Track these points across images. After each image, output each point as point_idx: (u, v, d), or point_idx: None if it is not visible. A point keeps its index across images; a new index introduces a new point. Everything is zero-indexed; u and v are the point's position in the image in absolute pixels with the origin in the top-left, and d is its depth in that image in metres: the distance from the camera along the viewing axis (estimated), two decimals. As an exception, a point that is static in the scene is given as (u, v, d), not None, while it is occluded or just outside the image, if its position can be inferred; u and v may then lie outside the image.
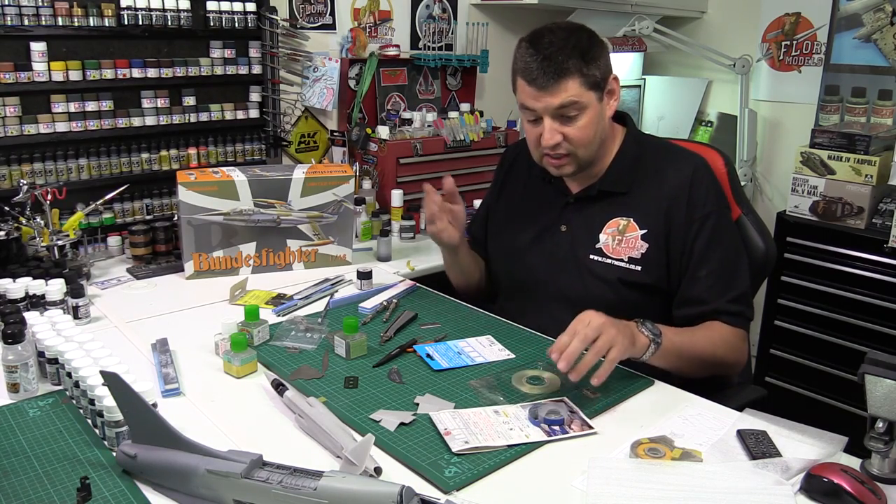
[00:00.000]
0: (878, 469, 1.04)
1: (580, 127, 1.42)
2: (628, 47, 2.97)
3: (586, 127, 1.42)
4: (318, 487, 0.90)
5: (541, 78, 1.38)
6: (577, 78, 1.38)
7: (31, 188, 1.81)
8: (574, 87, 1.38)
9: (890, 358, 1.03)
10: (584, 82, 1.39)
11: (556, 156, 1.45)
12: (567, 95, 1.38)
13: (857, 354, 2.27)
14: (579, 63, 1.38)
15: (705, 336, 1.42)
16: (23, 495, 0.99)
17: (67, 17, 1.92)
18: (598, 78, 1.41)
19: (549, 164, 1.48)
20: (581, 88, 1.39)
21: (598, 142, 1.46)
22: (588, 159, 1.47)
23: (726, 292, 1.45)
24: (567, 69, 1.37)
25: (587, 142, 1.43)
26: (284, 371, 1.36)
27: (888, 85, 2.79)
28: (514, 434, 1.15)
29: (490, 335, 1.53)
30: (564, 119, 1.41)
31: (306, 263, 1.98)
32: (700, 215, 1.45)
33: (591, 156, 1.47)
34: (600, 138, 1.47)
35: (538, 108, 1.41)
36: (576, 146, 1.43)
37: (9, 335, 1.23)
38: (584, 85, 1.39)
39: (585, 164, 1.48)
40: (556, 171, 1.49)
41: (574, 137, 1.42)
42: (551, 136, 1.42)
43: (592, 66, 1.39)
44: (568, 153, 1.44)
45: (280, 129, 2.39)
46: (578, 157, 1.45)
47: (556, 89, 1.38)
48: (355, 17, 2.66)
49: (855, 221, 2.55)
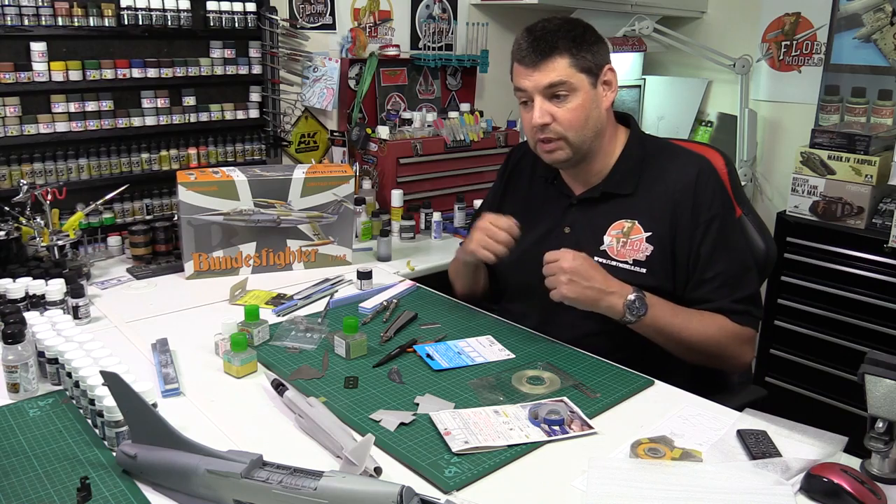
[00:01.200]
0: (878, 469, 1.04)
1: (570, 108, 1.42)
2: (628, 47, 2.97)
3: (577, 109, 1.42)
4: (318, 487, 0.90)
5: (530, 56, 1.40)
6: (566, 57, 1.40)
7: (31, 188, 1.81)
8: (563, 65, 1.40)
9: (890, 358, 1.03)
10: (574, 63, 1.40)
11: (547, 139, 1.45)
12: (556, 74, 1.40)
13: (857, 354, 2.28)
14: (569, 44, 1.40)
15: (701, 323, 1.43)
16: (23, 495, 0.99)
17: (67, 17, 1.92)
18: (591, 63, 1.42)
19: (542, 149, 1.48)
20: (571, 69, 1.40)
21: (591, 129, 1.45)
22: (580, 146, 1.46)
23: (733, 293, 1.45)
24: (556, 47, 1.39)
25: (578, 125, 1.43)
26: (284, 371, 1.36)
27: (888, 85, 2.79)
28: (514, 434, 1.15)
29: (490, 335, 1.53)
30: (554, 99, 1.42)
31: (306, 263, 1.98)
32: (706, 218, 1.45)
33: (584, 142, 1.46)
34: (595, 126, 1.46)
35: (528, 87, 1.42)
36: (565, 128, 1.43)
37: (9, 335, 1.23)
38: (574, 66, 1.41)
39: (578, 153, 1.47)
40: (548, 156, 1.49)
41: (563, 119, 1.42)
42: (541, 115, 1.42)
43: (584, 50, 1.41)
44: (559, 137, 1.44)
45: (280, 129, 2.39)
46: (570, 142, 1.45)
47: (544, 67, 1.40)
48: (355, 17, 2.66)
49: (855, 221, 2.55)
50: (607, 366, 1.41)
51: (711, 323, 1.43)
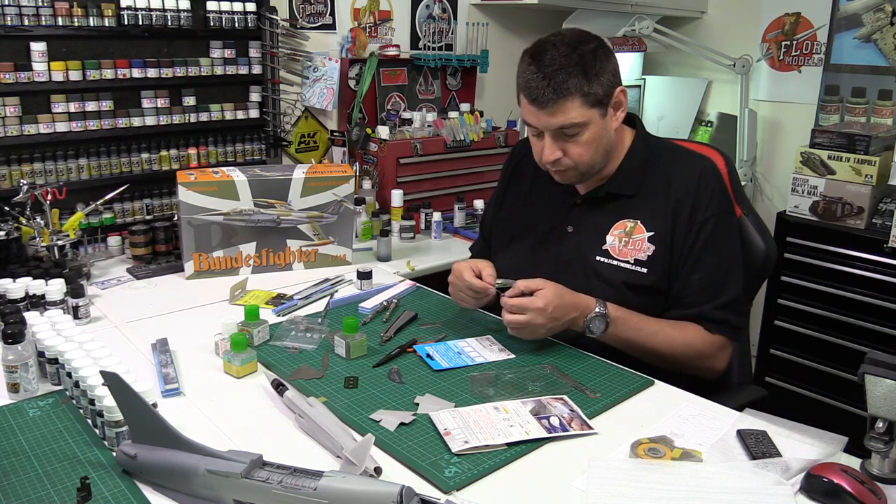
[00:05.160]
0: (878, 469, 1.04)
1: (581, 143, 1.41)
2: (628, 47, 2.97)
3: (587, 143, 1.41)
4: (318, 487, 0.90)
5: (541, 98, 1.36)
6: (577, 98, 1.36)
7: (31, 188, 1.81)
8: (574, 107, 1.37)
9: (890, 358, 1.03)
10: (586, 102, 1.37)
11: (557, 170, 1.47)
12: (567, 118, 1.37)
13: (857, 354, 2.28)
14: (581, 82, 1.36)
15: (668, 336, 1.43)
16: (23, 495, 0.99)
17: (67, 17, 1.92)
18: (601, 95, 1.39)
19: (552, 173, 1.49)
20: (582, 109, 1.37)
21: (601, 154, 1.46)
22: (590, 170, 1.47)
23: (714, 298, 1.45)
24: (567, 90, 1.35)
25: (588, 158, 1.43)
26: (284, 371, 1.36)
27: (888, 85, 2.79)
28: (514, 431, 1.15)
29: (490, 335, 1.53)
30: (565, 137, 1.41)
31: (306, 263, 1.98)
32: (701, 219, 1.45)
33: (594, 166, 1.47)
34: (604, 150, 1.46)
35: (538, 126, 1.41)
36: (576, 162, 1.43)
37: (9, 335, 1.23)
38: (586, 104, 1.37)
39: (589, 175, 1.49)
40: (559, 179, 1.50)
41: (574, 153, 1.42)
42: (551, 152, 1.42)
43: (595, 83, 1.37)
44: (568, 168, 1.45)
45: (280, 129, 2.39)
46: (580, 171, 1.46)
47: (555, 110, 1.37)
48: (355, 17, 2.66)
49: (855, 221, 2.55)
50: (607, 366, 1.41)
51: (680, 334, 1.44)
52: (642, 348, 1.43)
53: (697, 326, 1.45)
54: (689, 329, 1.45)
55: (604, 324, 1.40)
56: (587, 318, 1.40)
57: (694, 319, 1.45)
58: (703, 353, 1.45)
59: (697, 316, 1.45)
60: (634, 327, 1.42)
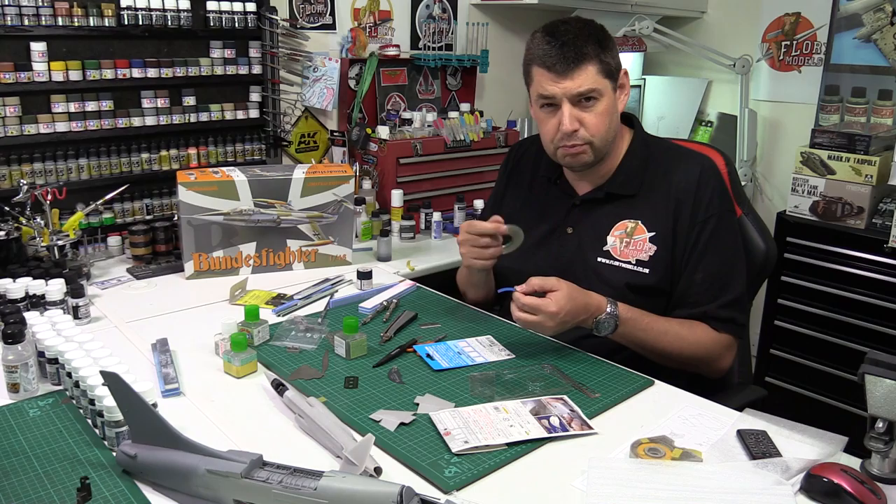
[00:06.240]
0: (878, 469, 1.04)
1: (598, 113, 1.42)
2: (628, 47, 2.97)
3: (603, 114, 1.43)
4: (318, 487, 0.90)
5: (560, 63, 1.39)
6: (595, 63, 1.40)
7: (31, 188, 1.81)
8: (593, 72, 1.40)
9: (890, 358, 1.03)
10: (602, 69, 1.41)
11: (573, 144, 1.45)
12: (586, 81, 1.39)
13: (857, 354, 2.28)
14: (597, 49, 1.40)
15: (678, 336, 1.44)
16: (23, 495, 0.99)
17: (67, 17, 1.92)
18: (613, 67, 1.43)
19: (566, 153, 1.46)
20: (599, 76, 1.41)
21: (612, 132, 1.47)
22: (602, 149, 1.47)
23: (719, 296, 1.45)
24: (586, 54, 1.39)
25: (603, 129, 1.44)
26: (284, 371, 1.36)
27: (888, 85, 2.79)
28: (514, 431, 1.15)
29: (490, 335, 1.53)
30: (583, 105, 1.42)
31: (306, 263, 1.98)
32: (702, 218, 1.45)
33: (605, 146, 1.47)
34: (615, 130, 1.48)
35: (557, 94, 1.41)
36: (592, 133, 1.43)
37: (9, 335, 1.23)
38: (602, 72, 1.41)
39: (599, 155, 1.48)
40: (572, 160, 1.48)
41: (592, 124, 1.42)
42: (571, 121, 1.41)
43: (608, 54, 1.42)
44: (585, 142, 1.44)
45: (280, 129, 2.39)
46: (595, 146, 1.45)
47: (575, 74, 1.39)
48: (355, 17, 2.66)
49: (855, 221, 2.55)
50: (607, 366, 1.41)
51: (689, 334, 1.44)
52: (651, 348, 1.43)
53: (705, 325, 1.45)
54: (697, 328, 1.45)
55: (613, 324, 1.40)
56: (597, 318, 1.40)
57: (699, 318, 1.45)
58: (711, 352, 1.46)
59: (702, 315, 1.45)
60: (644, 327, 1.42)
